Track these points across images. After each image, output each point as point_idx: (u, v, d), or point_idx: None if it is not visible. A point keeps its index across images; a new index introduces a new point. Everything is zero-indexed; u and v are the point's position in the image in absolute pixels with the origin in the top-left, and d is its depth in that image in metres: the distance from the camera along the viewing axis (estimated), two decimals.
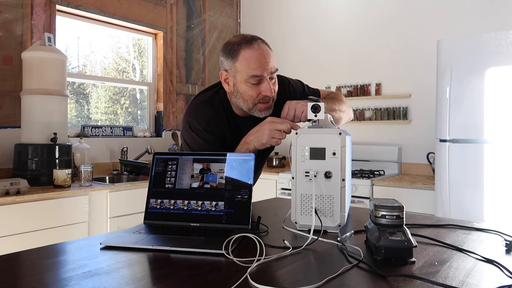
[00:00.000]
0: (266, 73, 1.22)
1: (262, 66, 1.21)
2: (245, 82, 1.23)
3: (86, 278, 0.73)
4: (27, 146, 2.51)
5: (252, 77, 1.21)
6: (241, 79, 1.23)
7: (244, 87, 1.23)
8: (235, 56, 1.22)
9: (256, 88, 1.23)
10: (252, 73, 1.20)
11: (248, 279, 0.71)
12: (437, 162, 2.53)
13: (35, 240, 2.20)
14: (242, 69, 1.22)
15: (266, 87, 1.23)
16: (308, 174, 1.07)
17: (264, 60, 1.21)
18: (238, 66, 1.22)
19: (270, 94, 1.24)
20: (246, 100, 1.25)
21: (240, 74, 1.23)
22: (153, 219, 1.13)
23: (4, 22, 2.67)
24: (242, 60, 1.21)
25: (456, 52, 2.43)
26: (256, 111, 1.28)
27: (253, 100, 1.25)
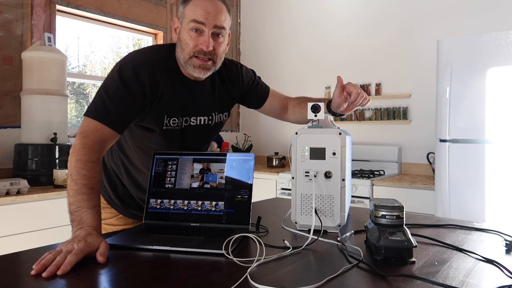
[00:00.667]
0: (209, 24, 1.13)
1: (206, 16, 1.12)
2: (188, 30, 1.14)
3: (86, 278, 0.73)
4: (27, 146, 2.51)
5: (193, 21, 1.12)
6: (184, 25, 1.15)
7: (185, 34, 1.15)
8: (187, 1, 1.16)
9: (195, 39, 1.14)
10: (194, 17, 1.12)
11: (248, 279, 0.71)
12: (437, 162, 2.53)
13: (35, 240, 2.20)
14: (188, 14, 1.14)
15: (204, 40, 1.13)
16: (308, 174, 1.07)
17: (212, 11, 1.13)
18: (186, 11, 1.15)
19: (205, 48, 1.13)
20: (183, 49, 1.16)
21: (185, 20, 1.15)
22: (153, 219, 1.13)
23: (4, 22, 2.67)
24: (191, 5, 1.14)
25: (456, 52, 2.43)
26: (191, 67, 1.17)
27: (189, 50, 1.15)
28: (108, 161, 1.35)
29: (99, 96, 1.11)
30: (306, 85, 3.89)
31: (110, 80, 1.13)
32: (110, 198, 1.35)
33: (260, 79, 1.46)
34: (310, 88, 3.85)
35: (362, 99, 1.21)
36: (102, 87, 1.13)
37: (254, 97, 1.44)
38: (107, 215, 1.35)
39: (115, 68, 1.15)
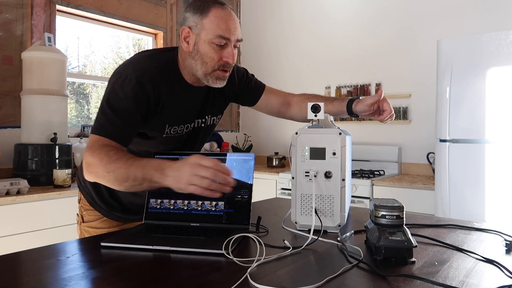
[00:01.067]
0: (233, 38, 1.14)
1: (231, 30, 1.13)
2: (209, 43, 1.13)
3: (86, 278, 0.73)
4: (27, 146, 2.51)
5: (219, 37, 1.11)
6: (205, 38, 1.12)
7: (207, 48, 1.13)
8: (204, 13, 1.12)
9: (219, 51, 1.14)
10: (220, 33, 1.11)
11: (248, 279, 0.71)
12: (437, 162, 2.53)
13: (35, 240, 2.20)
14: (210, 27, 1.12)
15: (229, 53, 1.14)
16: (308, 174, 1.07)
17: (234, 25, 1.14)
18: (206, 23, 1.12)
19: (231, 61, 1.15)
20: (205, 63, 1.15)
21: (205, 33, 1.12)
22: (153, 219, 1.13)
23: (4, 22, 2.67)
24: (212, 18, 1.11)
25: (456, 52, 2.43)
26: (212, 79, 1.17)
27: (213, 64, 1.15)
28: None
29: (103, 111, 1.10)
30: (306, 85, 3.89)
31: (113, 94, 1.11)
32: (94, 200, 1.32)
33: (254, 77, 1.46)
34: (310, 88, 3.84)
35: (390, 119, 1.28)
36: (105, 102, 1.11)
37: (248, 95, 1.43)
38: (90, 217, 1.33)
39: (117, 80, 1.12)
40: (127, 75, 1.12)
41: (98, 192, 1.32)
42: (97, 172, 1.01)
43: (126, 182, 0.98)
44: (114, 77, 1.14)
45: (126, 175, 0.97)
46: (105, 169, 0.99)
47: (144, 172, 0.96)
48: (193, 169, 0.90)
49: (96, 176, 1.03)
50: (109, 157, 1.00)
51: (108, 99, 1.11)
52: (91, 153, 1.03)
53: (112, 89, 1.12)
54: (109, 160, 0.99)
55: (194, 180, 0.90)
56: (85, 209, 1.35)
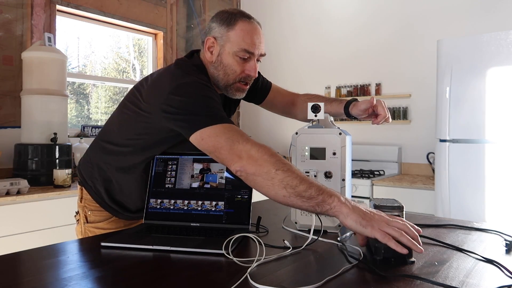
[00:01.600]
0: (257, 52, 1.16)
1: (256, 44, 1.15)
2: (233, 55, 1.15)
3: (86, 278, 0.73)
4: (27, 146, 2.51)
5: (243, 51, 1.13)
6: (229, 50, 1.15)
7: (231, 60, 1.15)
8: (231, 25, 1.14)
9: (242, 64, 1.15)
10: (244, 47, 1.13)
11: (248, 279, 0.71)
12: (437, 162, 2.53)
13: (35, 240, 2.20)
14: (235, 40, 1.13)
15: (252, 66, 1.16)
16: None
17: (259, 40, 1.16)
18: (231, 35, 1.14)
19: (253, 75, 1.17)
20: (228, 74, 1.17)
21: (230, 45, 1.14)
22: (153, 219, 1.13)
23: (4, 22, 2.67)
24: (238, 30, 1.13)
25: (456, 52, 2.43)
26: (232, 90, 1.19)
27: (235, 76, 1.17)
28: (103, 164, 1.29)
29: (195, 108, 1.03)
30: (306, 85, 3.89)
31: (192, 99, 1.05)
32: (103, 200, 1.29)
33: (260, 75, 1.47)
34: (310, 88, 3.84)
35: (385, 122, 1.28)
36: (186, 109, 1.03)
37: (255, 93, 1.45)
38: (97, 218, 1.31)
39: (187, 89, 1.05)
40: (197, 82, 1.08)
41: (110, 193, 1.29)
42: (262, 165, 0.92)
43: (292, 188, 0.89)
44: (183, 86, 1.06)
45: (298, 181, 0.89)
46: (274, 165, 0.91)
47: (320, 190, 0.88)
48: (384, 218, 0.84)
49: (259, 169, 0.93)
50: (278, 156, 0.94)
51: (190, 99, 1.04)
52: (252, 144, 0.96)
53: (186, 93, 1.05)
54: (279, 159, 0.93)
55: (386, 228, 0.81)
56: (90, 209, 1.32)
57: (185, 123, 1.04)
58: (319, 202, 0.87)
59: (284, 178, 0.90)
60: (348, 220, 0.84)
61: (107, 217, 1.31)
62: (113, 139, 1.27)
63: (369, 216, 0.84)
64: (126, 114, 1.23)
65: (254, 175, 0.94)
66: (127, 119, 1.23)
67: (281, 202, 0.94)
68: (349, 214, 0.84)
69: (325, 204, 0.87)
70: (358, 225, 0.83)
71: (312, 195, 0.88)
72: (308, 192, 0.88)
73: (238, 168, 0.95)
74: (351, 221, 0.84)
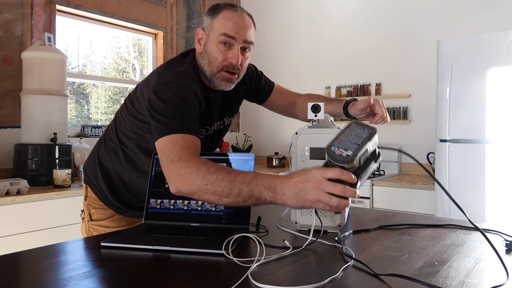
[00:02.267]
0: (239, 38, 1.14)
1: (237, 30, 1.13)
2: (216, 43, 1.14)
3: (86, 278, 0.73)
4: (27, 146, 2.51)
5: (223, 35, 1.12)
6: (213, 38, 1.14)
7: (214, 47, 1.14)
8: (215, 14, 1.15)
9: (224, 52, 1.14)
10: (224, 31, 1.12)
11: (249, 279, 0.71)
12: (437, 162, 2.53)
13: (35, 240, 2.20)
14: (217, 27, 1.13)
15: (234, 54, 1.14)
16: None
17: (242, 26, 1.15)
18: (214, 23, 1.14)
19: (235, 62, 1.14)
20: (211, 62, 1.16)
21: (213, 32, 1.14)
22: (153, 219, 1.13)
23: (4, 22, 2.67)
24: (221, 18, 1.14)
25: (456, 52, 2.43)
26: (218, 80, 1.17)
27: (218, 64, 1.15)
28: (107, 161, 1.32)
29: (163, 114, 1.04)
30: (306, 85, 3.89)
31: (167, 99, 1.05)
32: (107, 198, 1.32)
33: (263, 75, 1.48)
34: (310, 88, 3.83)
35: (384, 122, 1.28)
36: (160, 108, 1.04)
37: (257, 93, 1.45)
38: (100, 216, 1.33)
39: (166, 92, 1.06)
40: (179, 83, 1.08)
41: (113, 191, 1.31)
42: (193, 184, 0.92)
43: (227, 197, 0.90)
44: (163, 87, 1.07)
45: (228, 189, 0.89)
46: (203, 180, 0.91)
47: (251, 189, 0.88)
48: (319, 185, 0.81)
49: (190, 188, 0.93)
50: (207, 168, 0.92)
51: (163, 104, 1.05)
52: (179, 161, 0.95)
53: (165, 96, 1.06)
54: (208, 171, 0.91)
55: (321, 198, 0.81)
56: (93, 207, 1.34)
57: (153, 129, 1.06)
58: (254, 201, 0.89)
59: (215, 191, 0.90)
60: (289, 206, 0.87)
61: (111, 215, 1.34)
62: (114, 137, 1.29)
63: (302, 195, 0.83)
64: (125, 113, 1.26)
65: (189, 194, 0.95)
66: (125, 117, 1.26)
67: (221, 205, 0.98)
68: (286, 203, 0.86)
69: (261, 201, 0.89)
70: (299, 207, 0.86)
71: (245, 197, 0.89)
72: (241, 196, 0.89)
73: (174, 190, 0.96)
74: (292, 206, 0.87)
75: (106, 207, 1.33)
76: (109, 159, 1.31)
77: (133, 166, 1.27)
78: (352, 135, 0.85)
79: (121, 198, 1.32)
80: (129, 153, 1.27)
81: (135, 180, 1.29)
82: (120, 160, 1.29)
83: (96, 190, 1.33)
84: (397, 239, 1.01)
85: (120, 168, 1.30)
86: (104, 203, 1.33)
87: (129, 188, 1.31)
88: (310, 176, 0.83)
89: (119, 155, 1.29)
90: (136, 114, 1.20)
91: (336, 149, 0.82)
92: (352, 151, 0.81)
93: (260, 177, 0.89)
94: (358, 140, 0.84)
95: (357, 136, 0.85)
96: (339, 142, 0.83)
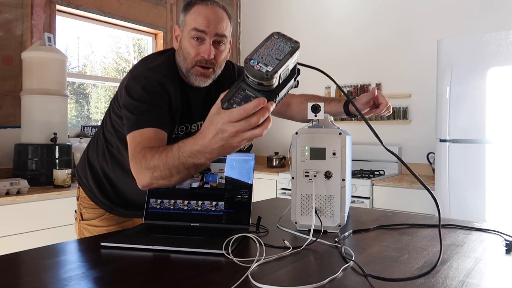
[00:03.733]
0: (210, 32, 1.12)
1: (207, 24, 1.12)
2: (189, 38, 1.14)
3: (86, 278, 0.73)
4: (27, 146, 2.51)
5: (194, 30, 1.12)
6: (186, 34, 1.14)
7: (187, 43, 1.14)
8: (188, 9, 1.15)
9: (197, 47, 1.13)
10: (195, 25, 1.12)
11: (249, 279, 0.71)
12: (437, 162, 2.52)
13: (35, 240, 2.20)
14: (189, 22, 1.13)
15: (206, 48, 1.13)
16: (308, 174, 1.07)
17: (213, 20, 1.13)
18: (187, 19, 1.14)
19: (207, 56, 1.13)
20: (185, 58, 1.16)
21: (186, 28, 1.14)
22: (153, 219, 1.12)
23: (4, 22, 2.67)
24: (192, 13, 1.13)
25: (456, 52, 2.43)
26: (193, 76, 1.17)
27: (191, 59, 1.15)
28: (94, 160, 1.33)
29: (129, 110, 1.07)
30: (306, 85, 3.88)
31: (134, 93, 1.09)
32: (96, 197, 1.33)
33: None
34: (310, 88, 3.84)
35: (388, 111, 1.29)
36: (128, 104, 1.07)
37: None
38: (90, 215, 1.34)
39: (133, 86, 1.09)
40: (147, 77, 1.10)
41: (102, 189, 1.33)
42: (145, 176, 0.95)
43: (173, 176, 0.93)
44: (132, 82, 1.11)
45: (168, 171, 0.92)
46: (148, 171, 0.94)
47: (184, 162, 0.89)
48: (223, 134, 0.78)
49: (146, 181, 0.96)
50: (146, 158, 0.95)
51: (131, 99, 1.08)
52: (132, 159, 0.99)
53: (132, 91, 1.09)
54: (146, 161, 0.94)
55: (245, 135, 0.78)
56: (84, 207, 1.35)
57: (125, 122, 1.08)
58: (195, 171, 0.92)
59: (161, 175, 0.93)
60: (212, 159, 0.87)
61: (100, 214, 1.35)
62: (101, 135, 1.31)
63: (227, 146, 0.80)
64: (110, 110, 1.27)
65: (149, 186, 0.98)
66: (109, 115, 1.27)
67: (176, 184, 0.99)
68: (209, 159, 0.86)
69: (198, 168, 0.91)
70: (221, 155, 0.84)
71: (183, 170, 0.90)
72: (181, 172, 0.90)
73: (140, 186, 0.99)
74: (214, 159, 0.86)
75: (96, 206, 1.34)
76: (96, 158, 1.33)
77: (117, 164, 1.28)
78: (273, 49, 0.78)
79: (110, 197, 1.33)
80: (114, 150, 1.28)
81: (119, 177, 1.30)
82: (106, 158, 1.30)
83: (87, 189, 1.35)
84: (397, 239, 1.01)
85: (106, 166, 1.31)
86: (94, 202, 1.35)
87: (114, 186, 1.32)
88: (212, 125, 0.80)
89: (105, 153, 1.30)
90: (116, 110, 1.20)
91: (256, 63, 0.75)
92: (272, 67, 0.74)
93: (183, 146, 0.88)
94: (279, 55, 0.77)
95: (278, 50, 0.78)
96: (259, 56, 0.76)
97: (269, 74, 0.73)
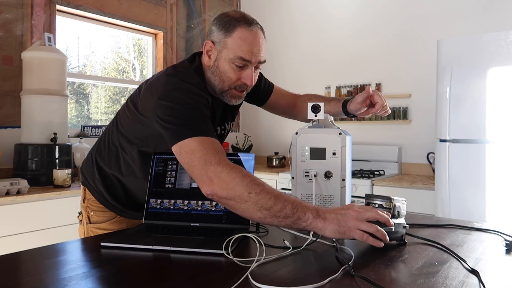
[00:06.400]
0: (254, 60, 1.13)
1: (253, 52, 1.11)
2: (229, 62, 1.12)
3: (86, 278, 0.73)
4: (27, 146, 2.51)
5: (240, 59, 1.11)
6: (226, 57, 1.12)
7: (227, 66, 1.13)
8: (229, 31, 1.11)
9: (238, 72, 1.13)
10: (241, 54, 1.10)
11: (249, 279, 0.71)
12: (437, 162, 2.52)
13: (35, 240, 2.20)
14: (232, 48, 1.11)
15: (248, 75, 1.14)
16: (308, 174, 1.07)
17: (257, 47, 1.13)
18: (229, 42, 1.11)
19: (249, 83, 1.15)
20: (223, 80, 1.15)
21: (227, 52, 1.12)
22: (153, 219, 1.13)
23: (4, 22, 2.67)
24: (236, 38, 1.10)
25: (456, 52, 2.43)
26: (228, 97, 1.18)
27: (230, 83, 1.15)
28: (105, 164, 1.29)
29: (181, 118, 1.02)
30: (306, 85, 3.89)
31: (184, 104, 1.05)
32: (107, 201, 1.29)
33: (263, 76, 1.46)
34: (310, 88, 3.84)
35: (384, 111, 1.27)
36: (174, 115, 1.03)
37: (257, 95, 1.44)
38: (99, 218, 1.30)
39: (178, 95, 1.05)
40: (189, 89, 1.08)
41: (112, 193, 1.29)
42: (234, 189, 0.92)
43: (268, 210, 0.90)
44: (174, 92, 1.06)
45: (272, 202, 0.89)
46: (247, 188, 0.91)
47: (295, 207, 0.89)
48: (358, 213, 0.88)
49: (231, 193, 0.92)
50: (252, 178, 0.93)
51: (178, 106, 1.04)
52: (224, 166, 0.94)
53: (178, 100, 1.05)
54: (253, 181, 0.92)
55: (361, 225, 0.86)
56: (92, 210, 1.31)
57: (168, 132, 1.03)
58: (294, 220, 0.89)
59: (258, 201, 0.90)
60: (326, 233, 0.88)
61: (110, 217, 1.31)
62: (116, 140, 1.26)
63: (343, 221, 0.88)
64: (127, 115, 1.23)
65: (226, 199, 0.93)
66: (127, 121, 1.22)
67: (258, 222, 0.98)
68: (325, 227, 0.88)
69: (301, 222, 0.89)
70: (337, 234, 0.88)
71: (287, 214, 0.89)
72: (283, 212, 0.89)
73: (209, 192, 0.94)
74: (330, 233, 0.88)
75: (105, 209, 1.30)
76: (108, 163, 1.28)
77: (131, 172, 1.25)
78: None
79: (121, 200, 1.30)
80: (128, 158, 1.24)
81: (133, 183, 1.27)
82: (120, 165, 1.26)
83: (95, 192, 1.31)
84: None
85: (119, 172, 1.27)
86: (104, 206, 1.30)
87: (128, 191, 1.29)
88: (350, 207, 0.90)
89: (118, 159, 1.26)
90: (140, 118, 1.16)
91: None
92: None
93: (302, 201, 0.93)
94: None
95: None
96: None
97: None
